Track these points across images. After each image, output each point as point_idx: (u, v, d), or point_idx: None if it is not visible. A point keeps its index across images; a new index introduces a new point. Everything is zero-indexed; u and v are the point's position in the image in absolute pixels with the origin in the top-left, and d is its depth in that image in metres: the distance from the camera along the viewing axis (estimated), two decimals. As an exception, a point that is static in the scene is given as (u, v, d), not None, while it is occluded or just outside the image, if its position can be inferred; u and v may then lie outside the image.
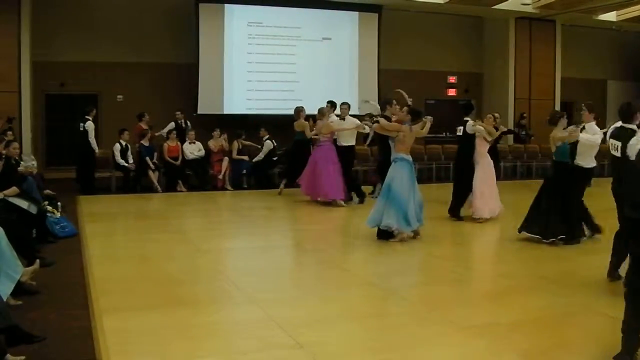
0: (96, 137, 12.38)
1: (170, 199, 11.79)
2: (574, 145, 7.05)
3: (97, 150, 12.27)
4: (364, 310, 4.81)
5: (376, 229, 7.36)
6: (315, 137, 11.01)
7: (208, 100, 14.83)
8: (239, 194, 12.26)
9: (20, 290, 4.82)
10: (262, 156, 13.09)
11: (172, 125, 13.32)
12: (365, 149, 13.98)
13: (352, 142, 11.02)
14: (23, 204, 6.74)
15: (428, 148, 15.73)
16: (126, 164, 12.37)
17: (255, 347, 3.93)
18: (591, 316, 4.58)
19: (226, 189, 12.59)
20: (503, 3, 15.95)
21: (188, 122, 13.67)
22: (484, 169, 8.77)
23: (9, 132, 10.56)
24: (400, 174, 7.27)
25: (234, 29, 15.18)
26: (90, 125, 12.12)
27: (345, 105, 11.25)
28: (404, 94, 10.06)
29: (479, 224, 8.60)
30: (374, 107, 11.92)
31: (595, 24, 17.93)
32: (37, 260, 4.97)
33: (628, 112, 5.14)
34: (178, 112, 13.52)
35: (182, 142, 12.99)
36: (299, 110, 11.45)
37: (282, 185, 11.65)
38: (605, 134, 6.26)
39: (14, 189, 6.77)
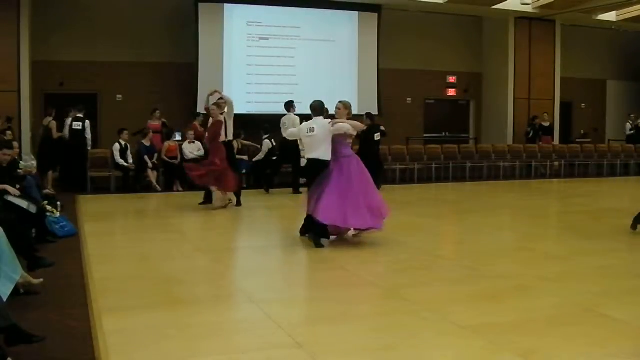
0: (94, 136, 12.57)
1: (170, 198, 11.79)
2: None
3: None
4: (363, 310, 4.80)
5: None
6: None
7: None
8: (239, 194, 12.22)
9: (16, 290, 4.80)
10: (262, 156, 13.08)
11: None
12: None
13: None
14: (23, 203, 6.73)
15: (428, 148, 15.73)
16: (125, 164, 12.36)
17: (254, 346, 3.92)
18: (591, 316, 4.57)
19: (225, 189, 12.56)
20: (503, 3, 15.98)
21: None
22: None
23: (8, 132, 10.56)
24: None
25: (234, 28, 15.19)
26: (88, 124, 12.42)
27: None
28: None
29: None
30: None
31: (595, 24, 17.96)
32: (27, 275, 4.92)
33: None
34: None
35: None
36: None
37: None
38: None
39: (14, 190, 6.75)
